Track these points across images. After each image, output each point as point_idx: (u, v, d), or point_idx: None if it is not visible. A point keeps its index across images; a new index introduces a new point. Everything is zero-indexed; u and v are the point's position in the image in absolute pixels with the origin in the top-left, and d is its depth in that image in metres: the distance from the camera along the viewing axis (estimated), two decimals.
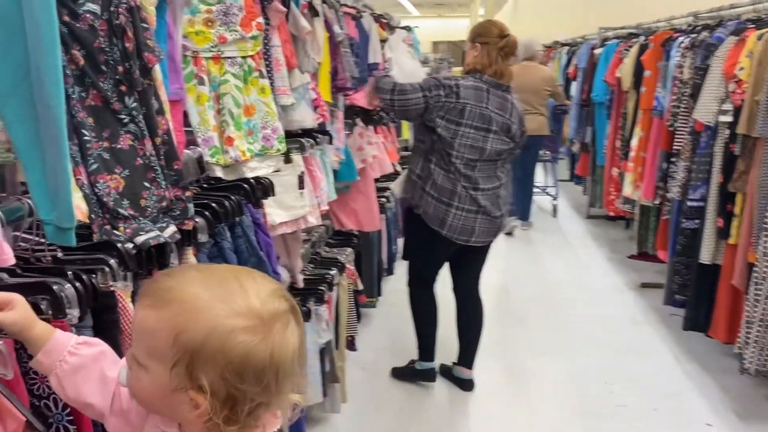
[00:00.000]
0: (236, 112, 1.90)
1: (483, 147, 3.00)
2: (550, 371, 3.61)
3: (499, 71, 3.06)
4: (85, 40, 1.27)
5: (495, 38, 3.06)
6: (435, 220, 3.08)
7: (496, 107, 3.02)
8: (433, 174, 3.05)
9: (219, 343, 0.80)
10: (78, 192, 1.24)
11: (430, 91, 2.99)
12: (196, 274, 0.86)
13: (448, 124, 2.98)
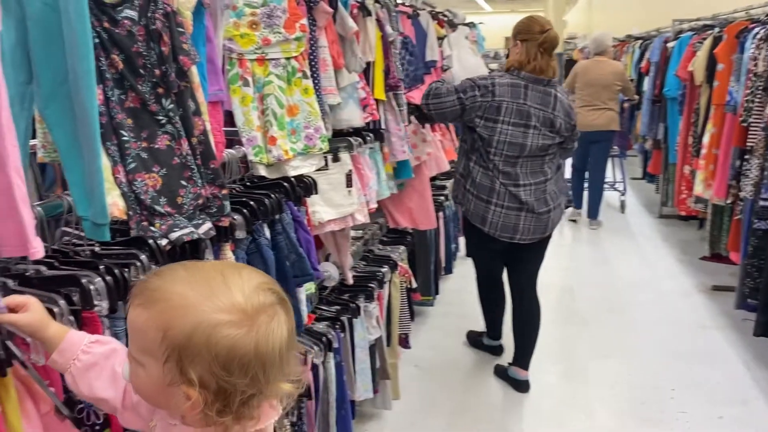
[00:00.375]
0: (279, 112, 1.95)
1: (523, 143, 2.99)
2: (610, 375, 3.51)
3: (538, 67, 3.04)
4: (124, 45, 1.33)
5: (536, 35, 3.04)
6: (476, 217, 3.12)
7: (536, 102, 3.00)
8: (473, 172, 3.09)
9: (204, 338, 0.83)
10: (116, 190, 1.31)
11: (465, 92, 3.01)
12: (182, 273, 0.88)
13: (486, 123, 3.00)
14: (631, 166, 8.88)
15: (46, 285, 1.10)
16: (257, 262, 1.67)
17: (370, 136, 2.77)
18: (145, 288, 0.87)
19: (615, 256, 5.59)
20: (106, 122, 1.31)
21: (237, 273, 0.89)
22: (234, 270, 0.90)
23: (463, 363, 3.67)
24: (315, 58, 2.22)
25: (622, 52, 8.85)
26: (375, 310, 2.86)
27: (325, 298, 2.73)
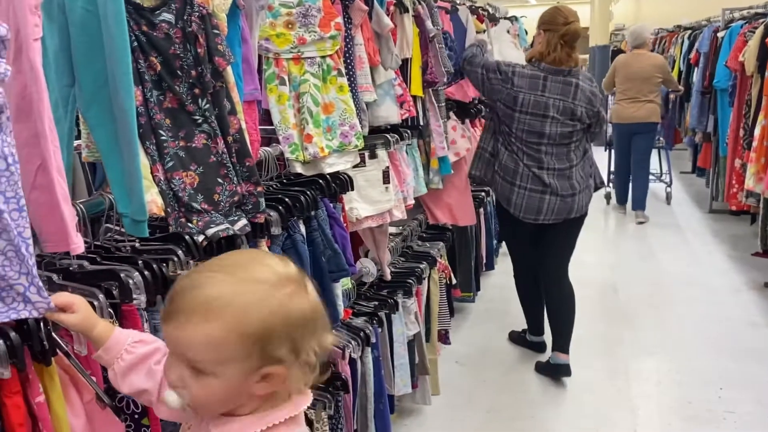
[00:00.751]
0: (315, 110, 1.98)
1: (541, 131, 3.06)
2: (655, 373, 3.45)
3: (558, 58, 3.07)
4: (162, 47, 1.38)
5: (558, 26, 3.06)
6: (503, 198, 3.22)
7: (555, 93, 3.05)
8: (500, 154, 3.20)
9: (281, 317, 0.86)
10: (155, 187, 1.36)
11: (488, 71, 3.13)
12: (219, 276, 0.88)
13: (505, 109, 3.10)
14: (680, 160, 8.69)
15: (88, 279, 1.16)
16: (293, 258, 1.70)
17: (407, 132, 2.78)
18: (197, 304, 0.85)
19: (662, 251, 5.46)
20: (145, 122, 1.36)
21: (249, 255, 0.94)
22: (243, 254, 0.95)
23: (504, 359, 3.65)
24: (351, 56, 2.25)
25: (671, 43, 8.63)
26: (413, 306, 2.88)
27: (364, 293, 2.75)
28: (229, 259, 0.93)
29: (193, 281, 0.87)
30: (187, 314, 0.85)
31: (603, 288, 4.60)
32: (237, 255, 0.99)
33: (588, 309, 4.08)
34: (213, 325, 0.84)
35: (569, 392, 3.28)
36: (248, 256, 0.94)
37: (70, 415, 1.08)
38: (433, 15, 3.00)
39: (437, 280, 3.24)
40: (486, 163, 3.29)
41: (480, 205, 4.36)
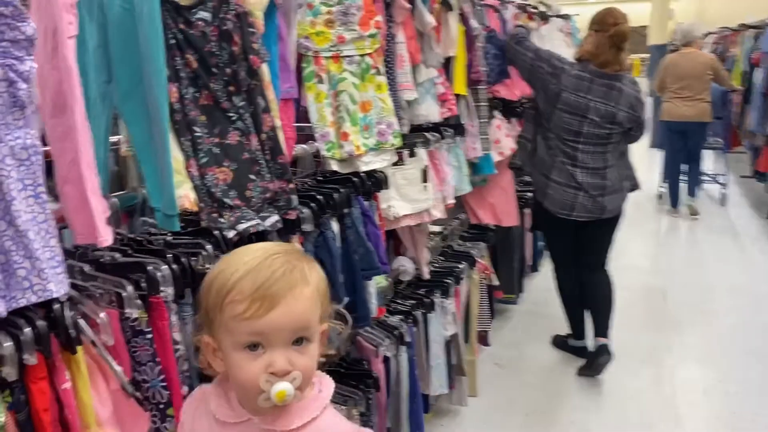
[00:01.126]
0: (352, 108, 1.98)
1: (578, 130, 3.06)
2: (701, 381, 3.34)
3: (605, 60, 3.05)
4: (198, 45, 1.41)
5: (608, 26, 3.04)
6: (539, 191, 3.23)
7: (598, 96, 3.04)
8: (539, 147, 3.19)
9: (324, 279, 0.99)
10: (188, 183, 1.39)
11: (540, 59, 3.11)
12: (285, 257, 0.95)
13: (546, 101, 3.11)
14: (740, 164, 8.38)
15: (118, 271, 1.19)
16: (324, 255, 1.72)
17: (449, 131, 2.76)
18: (297, 277, 0.93)
19: (715, 257, 5.28)
20: (181, 119, 1.39)
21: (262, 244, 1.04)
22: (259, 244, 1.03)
23: (545, 363, 3.60)
24: (392, 54, 2.24)
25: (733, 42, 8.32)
26: (451, 306, 2.86)
27: (401, 292, 2.75)
28: (261, 247, 0.99)
29: (271, 269, 0.92)
30: (293, 290, 0.92)
31: (651, 293, 4.48)
32: (256, 245, 1.03)
33: (635, 315, 3.98)
34: (310, 287, 0.94)
35: (612, 399, 3.20)
36: (263, 244, 1.03)
37: (97, 402, 1.11)
38: (477, 13, 2.96)
39: (477, 280, 3.21)
40: (525, 152, 3.31)
41: (526, 205, 4.30)
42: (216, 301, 0.92)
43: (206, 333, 0.95)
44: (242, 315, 0.89)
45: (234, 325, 0.91)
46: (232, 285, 0.90)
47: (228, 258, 0.97)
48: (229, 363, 0.93)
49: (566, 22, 5.47)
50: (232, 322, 0.91)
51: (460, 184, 2.89)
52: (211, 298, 0.93)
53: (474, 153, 3.13)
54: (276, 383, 0.90)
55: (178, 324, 1.26)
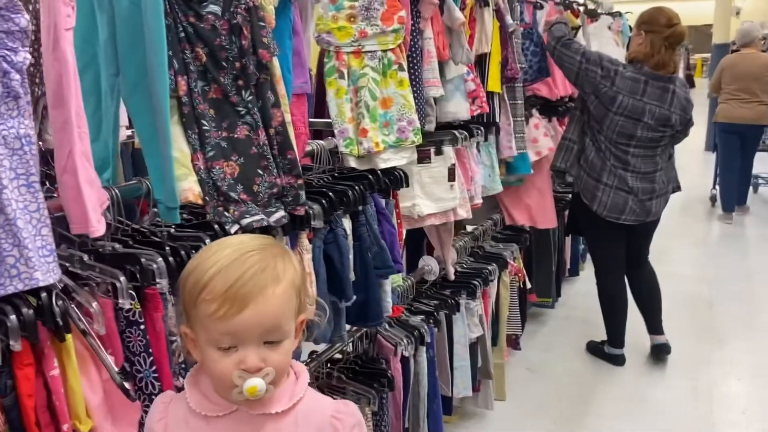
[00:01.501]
0: (372, 104, 1.96)
1: (632, 134, 3.04)
2: (742, 398, 3.20)
3: (661, 62, 3.02)
4: (208, 38, 1.41)
5: (661, 27, 3.01)
6: (587, 194, 3.19)
7: (653, 99, 3.01)
8: (587, 149, 3.16)
9: (300, 270, 1.00)
10: (193, 176, 1.39)
11: (588, 62, 3.04)
12: (260, 254, 0.95)
13: (599, 105, 3.06)
14: None
15: (115, 261, 1.20)
16: (334, 252, 1.71)
17: (479, 129, 2.71)
18: (269, 276, 0.93)
19: (766, 269, 5.06)
20: (189, 112, 1.40)
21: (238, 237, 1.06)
22: (234, 238, 1.05)
23: (578, 370, 3.51)
24: (418, 50, 2.21)
25: None
26: (478, 308, 2.81)
27: (425, 291, 2.72)
28: (238, 242, 0.99)
29: (243, 269, 0.92)
30: (264, 291, 0.92)
31: (697, 303, 4.31)
32: (234, 238, 1.03)
33: (678, 325, 3.84)
34: (282, 285, 0.94)
35: (644, 410, 3.10)
36: (240, 237, 1.04)
37: (88, 390, 1.13)
38: (513, 9, 2.90)
39: (508, 283, 3.16)
40: (570, 153, 3.24)
41: (566, 207, 4.20)
42: (190, 297, 0.93)
43: (185, 323, 0.97)
44: (214, 314, 0.91)
45: (207, 323, 0.92)
46: (204, 283, 0.91)
47: (204, 252, 0.97)
48: (204, 356, 0.95)
49: (617, 20, 5.31)
50: (205, 319, 0.92)
51: (490, 183, 2.84)
52: (186, 292, 0.94)
53: (509, 152, 3.07)
54: (248, 379, 0.92)
55: (175, 316, 1.27)
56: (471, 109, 2.56)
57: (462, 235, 3.17)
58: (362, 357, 2.23)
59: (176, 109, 1.38)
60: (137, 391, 1.21)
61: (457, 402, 2.97)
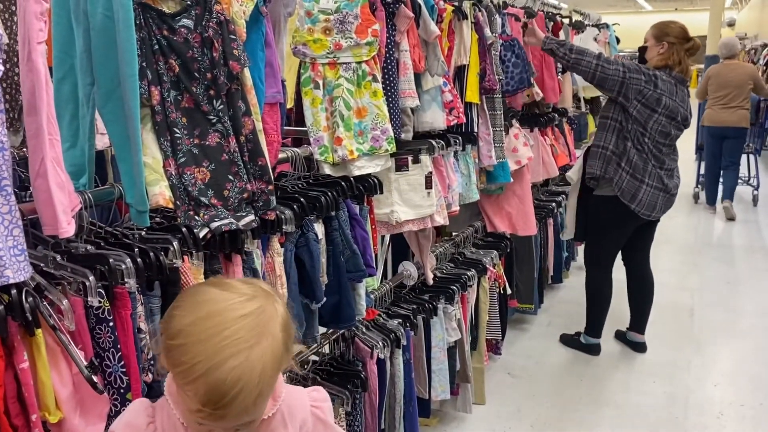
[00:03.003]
0: (346, 114, 2.03)
1: (669, 132, 3.34)
2: (718, 404, 3.25)
3: (685, 69, 3.40)
4: (180, 50, 1.48)
5: (681, 39, 3.36)
6: (627, 194, 3.38)
7: (680, 100, 3.36)
8: (629, 152, 3.36)
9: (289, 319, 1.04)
10: (165, 181, 1.46)
11: (630, 71, 3.30)
12: (229, 341, 0.92)
13: (643, 108, 3.29)
14: None
15: (86, 262, 1.26)
16: (305, 255, 1.77)
17: (458, 138, 2.78)
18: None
19: (750, 276, 5.12)
20: (161, 120, 1.47)
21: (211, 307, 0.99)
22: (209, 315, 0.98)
23: (558, 375, 3.57)
24: (395, 62, 2.28)
25: None
26: (456, 313, 2.87)
27: (404, 296, 2.78)
28: (223, 308, 0.96)
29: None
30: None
31: (678, 311, 4.38)
32: (218, 295, 0.98)
33: (658, 331, 3.92)
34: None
35: (621, 415, 3.16)
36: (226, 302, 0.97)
37: (58, 383, 1.19)
38: (493, 22, 2.98)
39: (487, 288, 3.22)
40: (606, 160, 3.43)
41: (549, 215, 4.27)
42: (171, 360, 0.94)
43: (162, 354, 0.97)
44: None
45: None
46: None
47: (190, 316, 0.94)
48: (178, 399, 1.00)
49: (603, 31, 5.40)
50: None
51: (467, 192, 2.91)
52: (168, 346, 0.94)
53: (489, 161, 3.13)
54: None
55: (144, 314, 1.33)
56: (448, 120, 2.63)
57: (443, 242, 3.24)
58: (338, 359, 2.29)
59: (149, 118, 1.45)
60: (106, 385, 1.27)
61: (437, 405, 3.03)
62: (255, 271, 1.61)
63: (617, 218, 3.45)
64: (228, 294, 0.97)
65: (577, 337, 3.83)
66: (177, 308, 0.96)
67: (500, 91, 3.13)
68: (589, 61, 3.32)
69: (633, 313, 3.81)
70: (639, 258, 3.71)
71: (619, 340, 3.89)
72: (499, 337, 3.45)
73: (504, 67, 3.23)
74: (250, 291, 0.98)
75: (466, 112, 2.86)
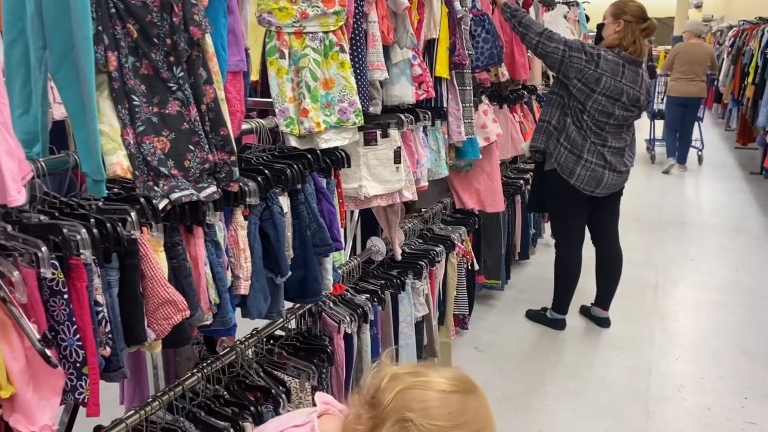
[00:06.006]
0: (313, 85, 1.99)
1: (611, 112, 3.30)
2: (679, 376, 3.32)
3: (639, 50, 3.34)
4: (139, 15, 1.42)
5: (638, 19, 3.31)
6: (566, 169, 3.41)
7: (629, 81, 3.30)
8: (568, 128, 3.37)
9: None
10: (123, 150, 1.41)
11: (571, 49, 3.28)
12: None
13: (583, 88, 3.28)
14: (751, 161, 8.32)
15: (40, 232, 1.22)
16: (269, 228, 1.74)
17: (427, 113, 2.75)
18: None
19: (714, 253, 5.23)
20: (119, 87, 1.41)
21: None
22: None
23: (523, 349, 3.61)
24: (363, 33, 2.24)
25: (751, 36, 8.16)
26: (424, 288, 2.88)
27: (373, 271, 2.77)
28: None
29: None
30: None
31: (643, 287, 4.45)
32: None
33: (623, 307, 3.97)
34: None
35: (585, 389, 3.21)
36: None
37: (9, 357, 1.15)
38: None
39: (455, 264, 3.23)
40: (548, 135, 3.46)
41: (517, 192, 4.29)
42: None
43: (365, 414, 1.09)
44: None
45: None
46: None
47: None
48: None
49: (573, 9, 5.39)
50: None
51: (436, 167, 2.89)
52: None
53: (458, 137, 3.12)
54: None
55: (101, 286, 1.29)
56: (417, 94, 2.60)
57: (412, 218, 3.23)
58: (304, 334, 2.27)
59: (107, 84, 1.40)
60: (61, 359, 1.23)
61: None
62: (217, 243, 1.57)
63: (565, 193, 3.47)
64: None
65: (543, 312, 3.87)
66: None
67: (470, 66, 3.10)
68: (531, 37, 3.32)
69: (599, 290, 3.85)
70: (606, 236, 3.75)
71: (583, 315, 3.94)
72: (466, 312, 3.47)
73: (474, 42, 3.21)
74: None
75: (436, 86, 2.83)
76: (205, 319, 1.57)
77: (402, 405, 1.06)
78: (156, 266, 1.37)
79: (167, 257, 1.46)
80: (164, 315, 1.39)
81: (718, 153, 9.35)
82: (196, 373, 1.79)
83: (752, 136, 7.85)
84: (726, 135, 10.68)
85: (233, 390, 1.88)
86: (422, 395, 1.07)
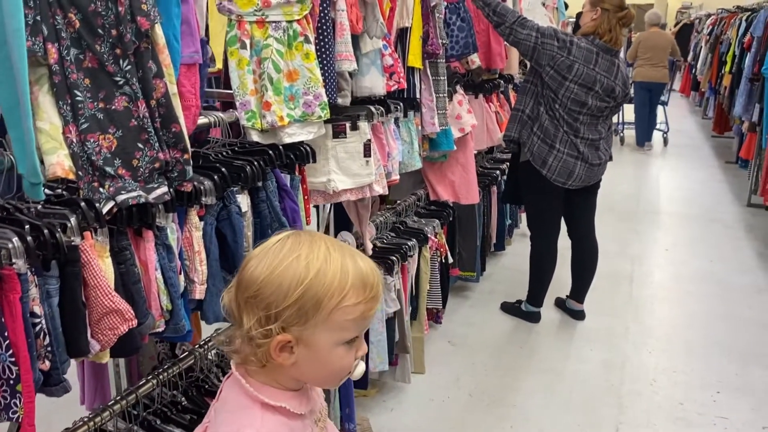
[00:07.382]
0: (276, 76, 1.90)
1: (584, 102, 3.24)
2: (652, 370, 3.31)
3: (614, 38, 3.30)
4: (81, 4, 1.33)
5: (615, 7, 3.27)
6: (538, 159, 3.36)
7: (603, 70, 3.25)
8: (541, 117, 3.33)
9: None
10: (64, 149, 1.32)
11: (544, 36, 3.21)
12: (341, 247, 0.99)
13: (555, 75, 3.23)
14: (727, 149, 8.36)
15: None
16: (227, 229, 1.66)
17: (398, 105, 2.67)
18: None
19: (688, 243, 5.24)
20: (60, 81, 1.32)
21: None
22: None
23: (498, 343, 3.57)
24: (330, 22, 2.15)
25: (729, 24, 8.16)
26: (395, 283, 2.81)
27: None
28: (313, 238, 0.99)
29: (369, 267, 0.97)
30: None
31: (618, 278, 4.43)
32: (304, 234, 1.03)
33: (597, 299, 3.95)
34: None
35: (559, 383, 3.18)
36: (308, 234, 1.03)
37: None
38: None
39: (428, 258, 3.16)
40: (522, 124, 3.41)
41: (493, 183, 4.24)
42: (318, 305, 0.92)
43: (277, 330, 0.94)
44: (361, 315, 0.94)
45: (346, 325, 0.94)
46: (346, 291, 0.93)
47: (296, 261, 0.94)
48: (325, 357, 0.96)
49: None
50: (344, 323, 0.94)
51: (409, 159, 2.82)
52: (307, 302, 0.92)
53: (432, 128, 3.05)
54: (360, 363, 1.01)
55: (39, 296, 1.21)
56: (388, 85, 2.52)
57: (385, 210, 3.16)
58: None
59: (47, 78, 1.31)
60: None
61: (375, 376, 2.99)
62: (169, 247, 1.49)
63: (538, 184, 3.42)
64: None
65: (518, 305, 3.83)
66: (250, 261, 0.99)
67: (444, 55, 3.02)
68: (504, 24, 3.25)
69: (574, 282, 3.82)
70: (582, 229, 3.70)
71: (558, 307, 3.91)
72: (439, 306, 3.42)
73: (449, 30, 3.13)
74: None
75: (408, 77, 2.75)
76: (156, 327, 1.49)
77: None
78: (100, 274, 1.29)
79: (114, 263, 1.37)
80: (109, 325, 1.31)
81: (694, 141, 9.39)
82: (151, 380, 1.71)
83: (728, 126, 7.86)
84: (703, 123, 10.71)
85: (192, 396, 1.81)
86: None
